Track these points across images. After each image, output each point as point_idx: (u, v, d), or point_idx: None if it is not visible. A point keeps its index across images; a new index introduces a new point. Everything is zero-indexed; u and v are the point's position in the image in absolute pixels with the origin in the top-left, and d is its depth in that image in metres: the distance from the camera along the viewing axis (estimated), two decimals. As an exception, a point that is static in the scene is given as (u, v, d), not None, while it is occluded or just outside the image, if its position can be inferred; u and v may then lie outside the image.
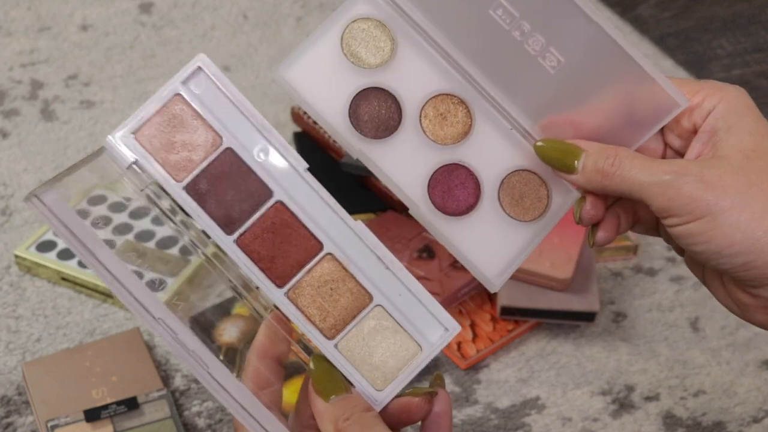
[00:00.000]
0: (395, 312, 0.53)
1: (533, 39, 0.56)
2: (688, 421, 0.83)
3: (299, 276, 0.53)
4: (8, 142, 1.07)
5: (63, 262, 0.91)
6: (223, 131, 0.52)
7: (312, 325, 0.53)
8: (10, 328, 0.88)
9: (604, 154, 0.55)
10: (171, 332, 0.50)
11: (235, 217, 0.52)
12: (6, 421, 0.80)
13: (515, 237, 0.58)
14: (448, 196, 0.58)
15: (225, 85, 0.53)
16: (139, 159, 0.52)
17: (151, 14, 1.27)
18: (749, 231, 0.51)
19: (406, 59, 0.58)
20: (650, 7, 1.36)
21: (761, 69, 1.26)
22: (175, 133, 0.52)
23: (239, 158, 0.52)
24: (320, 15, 1.28)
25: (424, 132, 0.58)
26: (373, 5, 0.58)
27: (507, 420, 0.83)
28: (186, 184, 0.52)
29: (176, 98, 0.52)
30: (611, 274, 0.96)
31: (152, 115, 0.52)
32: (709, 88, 0.55)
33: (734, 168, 0.52)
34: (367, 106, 0.57)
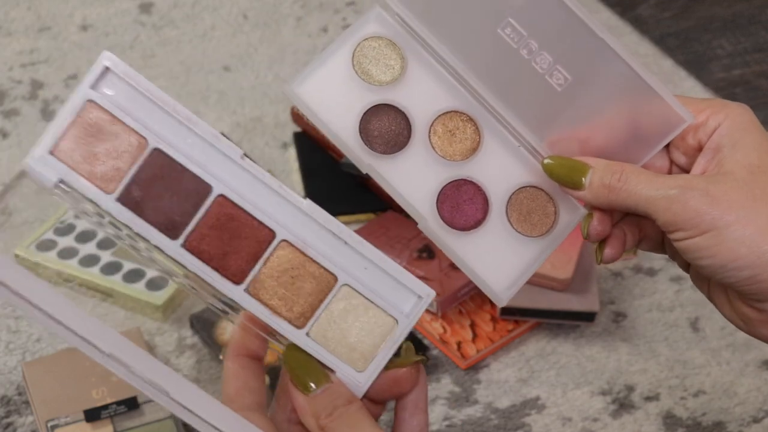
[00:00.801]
0: (363, 288, 0.51)
1: (540, 57, 0.57)
2: (688, 421, 0.83)
3: (256, 269, 0.50)
4: (8, 142, 1.07)
5: (63, 262, 0.91)
6: (146, 132, 0.49)
7: (279, 317, 0.50)
8: (10, 328, 0.88)
9: (610, 170, 0.55)
10: (124, 365, 0.46)
11: (177, 220, 0.49)
12: (6, 421, 0.80)
13: (523, 252, 0.59)
14: (456, 212, 0.58)
15: (139, 81, 0.49)
16: (63, 177, 0.48)
17: (151, 14, 1.27)
18: (754, 245, 0.52)
19: (415, 77, 0.59)
20: (650, 7, 1.36)
21: (761, 69, 1.26)
22: (96, 142, 0.48)
23: (169, 157, 0.49)
24: (320, 15, 1.28)
25: (434, 148, 0.59)
26: (384, 25, 0.59)
27: (507, 420, 0.83)
28: (118, 195, 0.48)
29: (89, 105, 0.48)
30: (611, 274, 0.96)
31: (67, 127, 0.48)
32: (714, 105, 0.56)
33: (739, 183, 0.53)
34: (378, 122, 0.58)
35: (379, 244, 0.93)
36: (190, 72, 1.18)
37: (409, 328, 0.51)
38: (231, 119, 1.12)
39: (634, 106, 0.56)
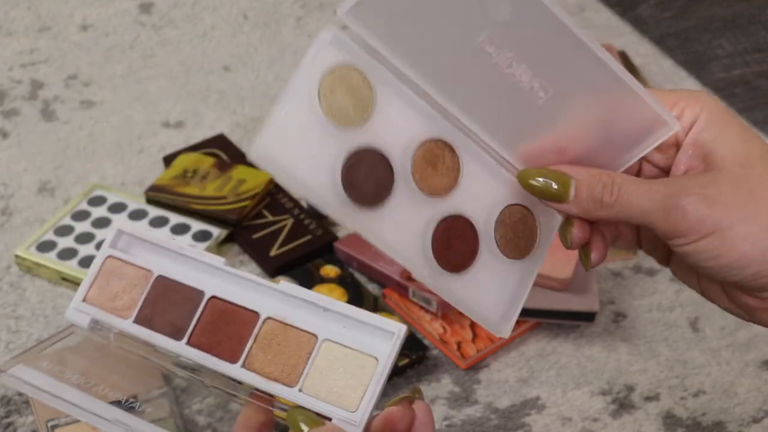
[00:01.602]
0: (343, 339, 0.57)
1: (519, 69, 0.53)
2: (688, 421, 0.83)
3: (248, 347, 0.59)
4: (8, 142, 1.07)
5: (63, 262, 0.91)
6: (151, 266, 0.62)
7: (273, 382, 0.57)
8: (10, 328, 0.88)
9: (599, 182, 0.53)
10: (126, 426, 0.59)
11: (180, 324, 0.60)
12: (6, 421, 0.80)
13: (514, 275, 0.58)
14: (449, 253, 0.56)
15: (141, 233, 0.62)
16: (93, 317, 0.61)
17: (151, 14, 1.27)
18: (758, 241, 0.51)
19: (386, 107, 0.54)
20: (650, 7, 1.36)
21: (761, 69, 1.26)
22: (115, 284, 0.62)
23: (169, 279, 0.61)
24: (320, 15, 1.29)
25: (418, 187, 0.55)
26: (343, 48, 0.52)
27: (507, 420, 0.83)
28: (134, 318, 0.61)
29: (109, 260, 0.62)
30: (611, 274, 0.96)
31: (94, 279, 0.62)
32: (686, 98, 0.54)
33: (732, 180, 0.52)
34: (359, 172, 0.53)
35: (379, 244, 0.93)
36: (190, 72, 1.18)
37: (391, 363, 0.56)
38: (231, 119, 1.12)
39: (618, 112, 0.53)
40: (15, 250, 0.92)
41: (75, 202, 0.97)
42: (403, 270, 0.90)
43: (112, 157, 1.06)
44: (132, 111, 1.12)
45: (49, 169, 1.04)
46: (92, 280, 0.62)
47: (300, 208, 0.98)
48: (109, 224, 0.95)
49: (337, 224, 0.99)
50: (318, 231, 0.95)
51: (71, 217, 0.95)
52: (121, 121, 1.11)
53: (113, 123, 1.10)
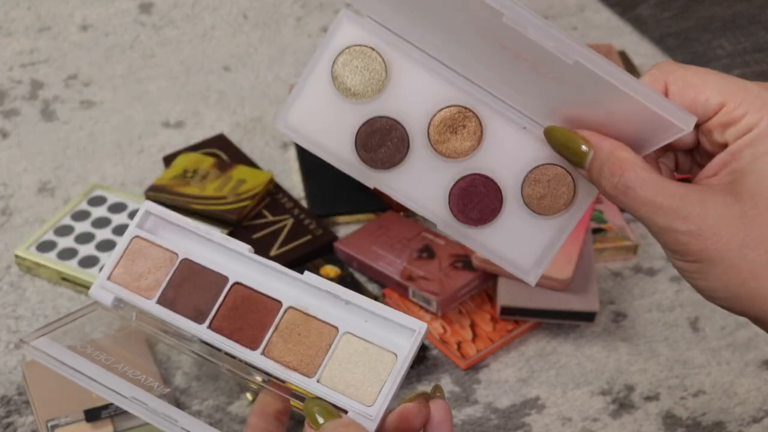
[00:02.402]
0: (364, 333, 0.58)
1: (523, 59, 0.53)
2: (688, 421, 0.83)
3: (269, 335, 0.59)
4: (8, 142, 1.07)
5: (63, 262, 0.91)
6: (176, 248, 0.62)
7: (292, 371, 0.58)
8: (10, 328, 0.88)
9: (608, 168, 0.53)
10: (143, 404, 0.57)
11: (202, 308, 0.60)
12: (6, 421, 0.80)
13: (546, 230, 0.58)
14: (470, 209, 0.58)
15: (169, 215, 0.63)
16: (117, 295, 0.62)
17: (151, 14, 1.27)
18: (732, 287, 0.51)
19: (402, 79, 0.57)
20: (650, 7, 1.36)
21: (761, 69, 1.26)
22: (141, 264, 0.62)
23: (194, 263, 0.62)
24: (320, 15, 1.29)
25: (436, 150, 0.58)
26: (357, 29, 0.57)
27: (507, 420, 0.83)
28: (157, 299, 0.61)
29: (135, 240, 0.63)
30: (611, 274, 0.96)
31: (119, 258, 0.63)
32: (752, 102, 0.51)
33: (737, 220, 0.51)
34: (373, 138, 0.57)
35: (379, 244, 0.93)
36: (190, 72, 1.18)
37: (410, 359, 0.57)
38: (231, 119, 1.12)
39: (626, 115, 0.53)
40: (15, 250, 0.92)
41: (75, 202, 0.97)
42: (403, 270, 0.90)
43: (112, 157, 1.06)
44: (132, 111, 1.12)
45: (49, 169, 1.04)
46: (118, 259, 0.62)
47: (300, 208, 0.98)
48: (109, 224, 0.95)
49: (337, 224, 0.99)
50: (318, 231, 0.96)
51: (71, 217, 0.95)
52: (121, 121, 1.11)
53: (113, 123, 1.10)
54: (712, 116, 0.52)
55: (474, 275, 0.90)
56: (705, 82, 0.52)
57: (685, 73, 0.53)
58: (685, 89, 0.53)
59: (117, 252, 0.63)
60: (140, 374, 0.60)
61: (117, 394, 0.57)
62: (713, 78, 0.52)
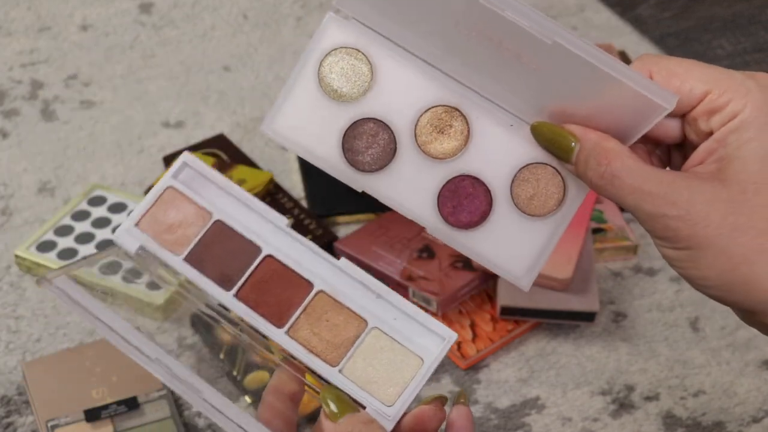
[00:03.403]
0: (392, 331, 0.57)
1: (503, 47, 0.53)
2: (688, 421, 0.83)
3: (296, 315, 0.57)
4: (8, 142, 1.07)
5: (63, 262, 0.91)
6: (211, 208, 0.60)
7: (315, 356, 0.56)
8: (10, 328, 0.88)
9: (595, 159, 0.53)
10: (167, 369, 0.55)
11: (231, 274, 0.58)
12: (6, 421, 0.80)
13: (537, 233, 0.57)
14: (459, 211, 0.57)
15: (207, 172, 0.60)
16: (143, 244, 0.59)
17: (151, 14, 1.27)
18: (724, 273, 0.51)
19: (387, 80, 0.57)
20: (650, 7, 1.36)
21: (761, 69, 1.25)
22: (172, 217, 0.60)
23: (228, 226, 0.59)
24: (320, 15, 1.28)
25: (423, 151, 0.57)
26: (342, 31, 0.57)
27: (507, 420, 0.83)
28: (185, 256, 0.59)
29: (169, 190, 0.60)
30: (611, 274, 0.96)
31: (150, 207, 0.60)
32: (736, 89, 0.51)
33: (725, 204, 0.51)
34: (359, 139, 0.57)
35: (379, 244, 0.93)
36: (190, 72, 1.18)
37: (434, 367, 0.56)
38: (231, 119, 1.12)
39: (609, 97, 0.52)
40: (15, 250, 0.92)
41: (75, 202, 0.97)
42: (403, 270, 0.90)
43: (112, 157, 1.06)
44: (132, 111, 1.12)
45: (49, 169, 1.04)
46: (148, 207, 0.60)
47: (300, 208, 0.98)
48: (110, 224, 0.95)
49: (337, 224, 0.99)
50: (318, 231, 0.95)
51: (71, 217, 0.95)
52: (121, 121, 1.11)
53: (113, 123, 1.10)
54: (696, 105, 0.52)
55: (474, 275, 0.90)
56: (689, 71, 0.53)
57: (668, 63, 0.53)
58: (670, 78, 0.52)
59: (148, 199, 0.60)
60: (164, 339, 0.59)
61: (140, 352, 0.55)
62: (697, 67, 0.53)
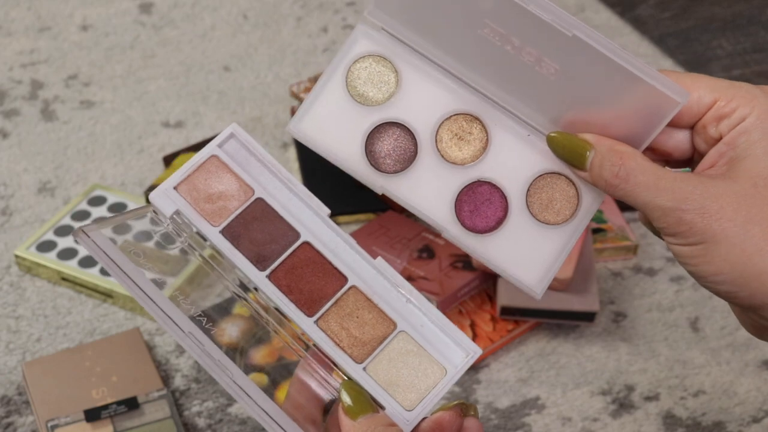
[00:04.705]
0: (419, 338, 0.57)
1: (525, 51, 0.56)
2: (688, 421, 0.83)
3: (327, 306, 0.57)
4: (8, 142, 1.07)
5: (63, 262, 0.91)
6: (254, 184, 0.59)
7: (341, 350, 0.56)
8: (10, 328, 0.88)
9: (609, 160, 0.55)
10: (199, 344, 0.55)
11: (266, 255, 0.58)
12: (6, 421, 0.80)
13: (550, 241, 0.59)
14: (476, 215, 0.58)
15: (254, 147, 0.59)
16: (180, 208, 0.58)
17: (151, 14, 1.27)
18: (738, 265, 0.52)
19: (412, 87, 0.59)
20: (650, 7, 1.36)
21: (761, 69, 1.26)
22: (212, 186, 0.59)
23: (269, 206, 0.58)
24: (320, 15, 1.29)
25: (442, 156, 0.59)
26: (372, 40, 0.59)
27: (507, 420, 0.83)
28: (222, 228, 0.58)
29: (212, 158, 0.59)
30: (611, 274, 0.96)
31: (192, 172, 0.59)
32: (743, 96, 0.54)
33: (739, 197, 0.52)
34: (382, 142, 0.59)
35: (379, 244, 0.93)
36: (190, 72, 1.18)
37: (456, 378, 0.56)
38: (231, 119, 1.12)
39: (626, 93, 0.55)
40: (15, 250, 0.92)
41: (75, 202, 0.97)
42: (403, 270, 0.90)
43: (112, 157, 1.06)
44: (132, 111, 1.12)
45: (49, 169, 1.04)
46: (189, 173, 0.59)
47: (300, 208, 0.98)
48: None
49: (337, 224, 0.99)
50: (318, 231, 0.95)
51: (71, 217, 0.96)
52: (121, 121, 1.11)
53: (113, 123, 1.10)
54: (705, 112, 0.55)
55: (474, 275, 0.90)
56: (696, 82, 0.55)
57: (677, 76, 0.55)
58: None
59: (190, 165, 0.59)
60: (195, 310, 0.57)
61: (174, 323, 0.54)
62: (704, 78, 0.55)
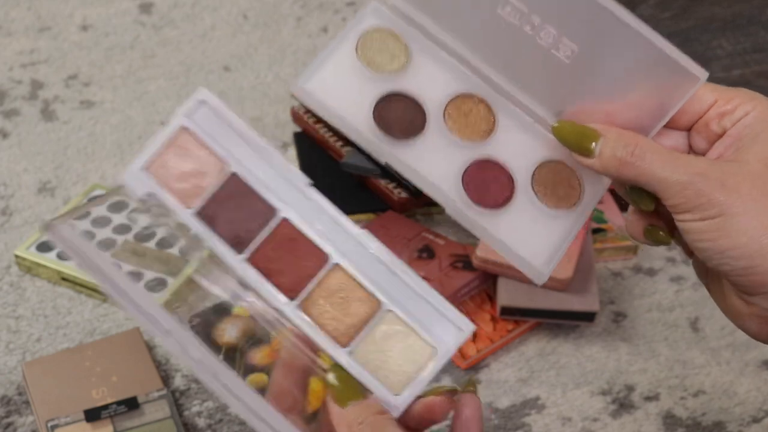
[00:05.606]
0: (406, 316, 0.54)
1: (544, 32, 0.56)
2: (688, 421, 0.83)
3: (309, 287, 0.54)
4: (8, 142, 1.07)
5: (63, 262, 0.91)
6: (228, 157, 0.55)
7: (325, 334, 0.54)
8: (10, 328, 0.88)
9: (623, 142, 0.55)
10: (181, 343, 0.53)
11: (244, 236, 0.54)
12: (6, 421, 0.80)
13: (554, 226, 0.58)
14: (483, 191, 0.58)
15: (226, 114, 0.55)
16: (151, 190, 0.54)
17: (151, 14, 1.27)
18: (756, 237, 0.52)
19: (421, 65, 0.59)
20: (650, 7, 1.36)
21: (761, 69, 1.26)
22: (184, 163, 0.55)
23: (244, 181, 0.54)
24: (320, 15, 1.28)
25: (450, 131, 0.58)
26: (383, 17, 0.59)
27: (507, 420, 0.83)
28: (196, 210, 0.54)
29: (182, 131, 0.55)
30: (611, 274, 0.96)
31: (160, 148, 0.55)
32: (743, 96, 0.56)
33: (753, 175, 0.53)
34: (391, 109, 0.58)
35: (379, 244, 0.93)
36: (190, 72, 1.18)
37: (447, 358, 0.54)
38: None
39: (645, 70, 0.55)
40: (15, 250, 0.92)
41: (75, 202, 0.97)
42: (403, 270, 0.90)
43: (112, 157, 1.06)
44: (132, 111, 1.12)
45: (49, 169, 1.04)
46: (159, 150, 0.55)
47: (300, 208, 0.98)
48: (110, 224, 0.95)
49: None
50: (318, 231, 0.95)
51: (71, 217, 0.96)
52: (121, 121, 1.11)
53: (113, 123, 1.10)
54: (707, 111, 0.56)
55: (474, 275, 0.90)
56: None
57: None
58: None
59: (159, 141, 0.55)
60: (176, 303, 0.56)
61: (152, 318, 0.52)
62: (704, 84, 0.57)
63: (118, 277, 0.52)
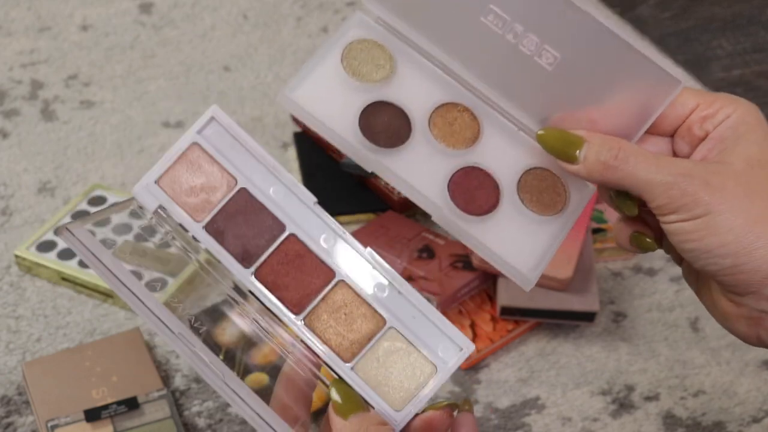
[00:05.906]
0: (409, 334, 0.55)
1: (527, 39, 0.57)
2: (688, 421, 0.83)
3: (314, 303, 0.55)
4: (8, 142, 1.07)
5: (63, 262, 0.91)
6: (237, 173, 0.56)
7: (329, 349, 0.55)
8: (10, 328, 0.88)
9: (607, 146, 0.55)
10: (190, 345, 0.54)
11: (251, 251, 0.56)
12: (6, 421, 0.80)
13: (541, 232, 0.59)
14: (469, 199, 0.58)
15: (236, 132, 0.57)
16: (162, 204, 0.56)
17: (151, 14, 1.27)
18: (742, 235, 0.53)
19: (406, 74, 0.60)
20: (650, 7, 1.36)
21: (761, 69, 1.26)
22: (194, 178, 0.56)
23: (253, 197, 0.56)
24: (320, 15, 1.29)
25: (436, 139, 0.59)
26: (368, 28, 0.60)
27: (507, 420, 0.83)
28: (205, 224, 0.56)
29: (193, 147, 0.57)
30: (611, 274, 0.96)
31: (172, 163, 0.56)
32: (724, 99, 0.56)
33: (736, 174, 0.54)
34: (377, 118, 0.59)
35: (379, 244, 0.93)
36: (190, 72, 1.18)
37: (448, 376, 0.55)
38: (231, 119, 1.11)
39: (627, 75, 0.56)
40: (15, 250, 0.92)
41: (75, 202, 0.97)
42: (404, 270, 0.90)
43: (112, 157, 1.06)
44: (132, 111, 1.12)
45: (49, 169, 1.04)
46: (170, 164, 0.56)
47: (300, 208, 0.98)
48: (110, 224, 0.95)
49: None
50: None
51: (71, 217, 0.96)
52: (121, 121, 1.11)
53: (113, 123, 1.10)
54: (689, 115, 0.57)
55: (474, 275, 0.90)
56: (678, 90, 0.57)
57: None
58: None
59: (170, 155, 0.56)
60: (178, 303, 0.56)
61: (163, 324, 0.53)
62: (685, 89, 0.57)
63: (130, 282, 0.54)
